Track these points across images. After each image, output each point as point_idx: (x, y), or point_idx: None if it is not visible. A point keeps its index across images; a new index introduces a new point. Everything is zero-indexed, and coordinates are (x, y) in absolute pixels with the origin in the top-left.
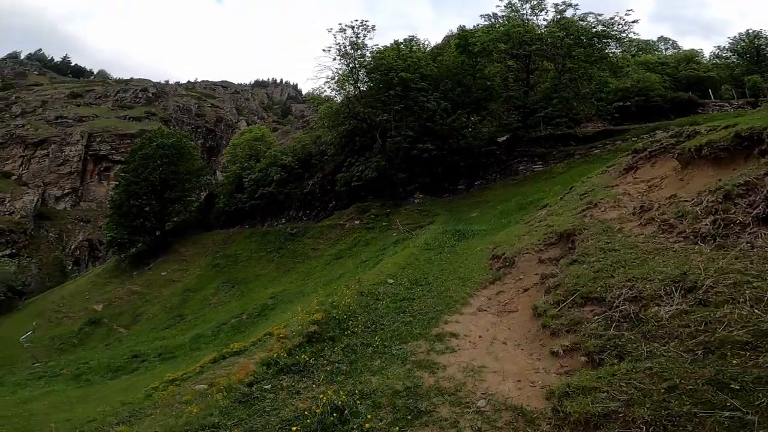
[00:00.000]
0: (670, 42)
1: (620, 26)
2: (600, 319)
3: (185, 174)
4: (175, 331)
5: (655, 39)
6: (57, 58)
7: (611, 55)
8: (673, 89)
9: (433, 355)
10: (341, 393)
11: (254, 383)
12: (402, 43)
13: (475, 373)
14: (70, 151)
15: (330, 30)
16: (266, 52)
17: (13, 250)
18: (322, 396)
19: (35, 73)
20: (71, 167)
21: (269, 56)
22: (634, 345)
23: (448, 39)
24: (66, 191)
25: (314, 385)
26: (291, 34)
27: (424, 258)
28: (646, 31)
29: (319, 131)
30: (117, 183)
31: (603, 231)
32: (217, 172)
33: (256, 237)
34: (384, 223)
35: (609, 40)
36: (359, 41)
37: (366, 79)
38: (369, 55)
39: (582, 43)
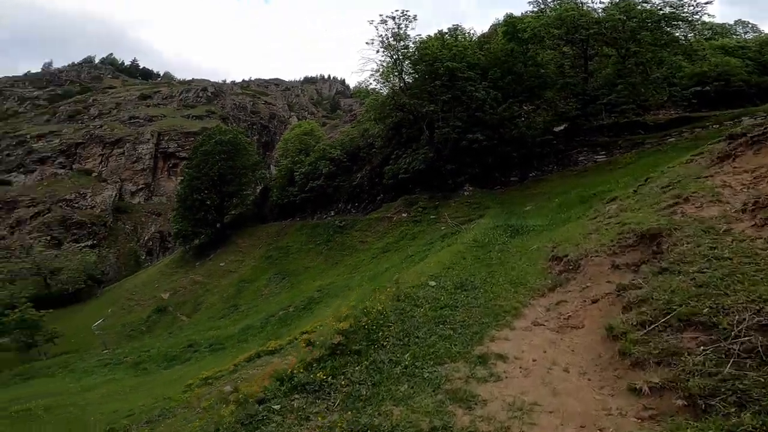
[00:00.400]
0: (750, 25)
1: (691, 8)
2: (710, 351)
3: (241, 168)
4: (228, 321)
5: (731, 23)
6: (127, 62)
7: (682, 38)
8: (757, 74)
9: (473, 383)
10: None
11: (264, 400)
12: (446, 33)
13: (525, 412)
14: (142, 149)
15: (371, 22)
16: (314, 48)
17: (94, 241)
18: (331, 429)
19: (109, 76)
20: (144, 164)
21: (317, 52)
22: (764, 391)
23: (494, 27)
24: (140, 186)
25: (327, 411)
26: (338, 28)
27: (472, 256)
28: (718, 14)
29: (366, 124)
30: (182, 178)
31: (703, 232)
32: (271, 166)
33: (306, 229)
34: (432, 216)
35: (679, 23)
36: (401, 32)
37: (411, 71)
38: (412, 45)
39: (648, 27)
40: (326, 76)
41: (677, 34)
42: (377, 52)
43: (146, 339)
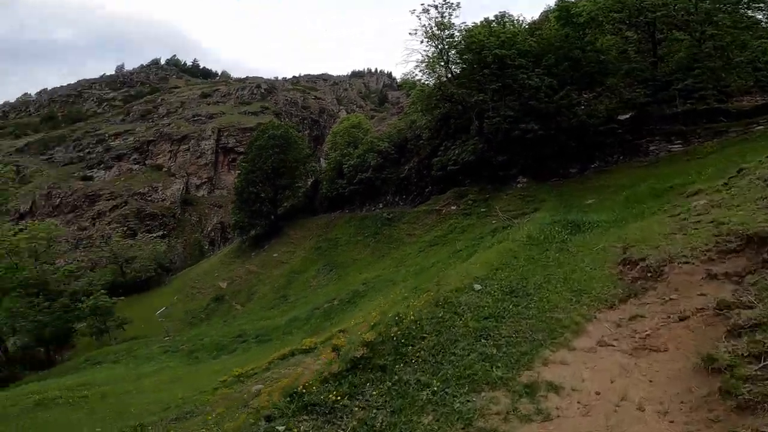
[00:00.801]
0: None
1: None
2: None
3: (293, 162)
4: (277, 312)
5: None
6: (189, 62)
7: (764, 22)
8: None
9: (514, 422)
10: None
11: (271, 418)
12: (493, 20)
13: None
14: (205, 144)
15: (413, 12)
16: (360, 42)
17: (165, 232)
18: None
19: (174, 76)
20: (206, 159)
21: (364, 46)
22: None
23: (546, 14)
24: (203, 180)
25: None
26: (383, 21)
27: (525, 256)
28: None
29: (413, 116)
30: (239, 172)
31: None
32: (321, 159)
33: (354, 222)
34: (482, 209)
35: (760, 4)
36: (445, 21)
37: (457, 60)
38: (457, 34)
39: (725, 9)
40: (373, 70)
41: (759, 17)
42: (421, 42)
43: (203, 327)
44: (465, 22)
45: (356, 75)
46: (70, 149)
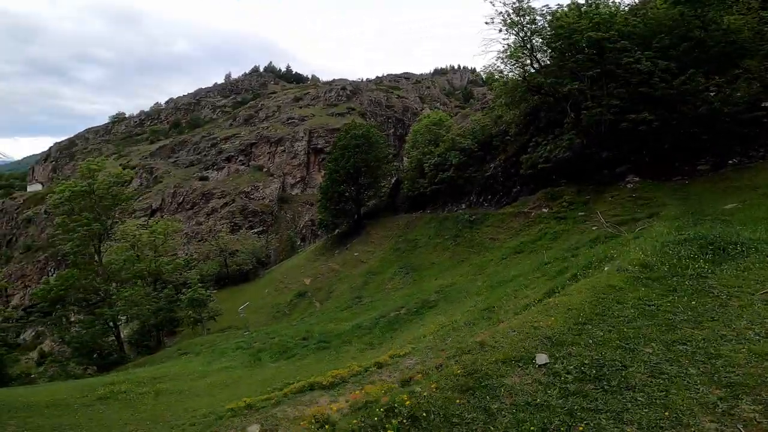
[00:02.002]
0: None
1: None
2: None
3: (375, 161)
4: (348, 314)
5: None
6: (282, 68)
7: None
8: None
9: None
10: None
11: None
12: (583, 2)
13: None
14: (298, 146)
15: None
16: (442, 40)
17: (263, 228)
18: None
19: (272, 82)
20: (299, 159)
21: (446, 44)
22: None
23: None
24: (297, 179)
25: None
26: (466, 16)
27: (635, 300)
28: None
29: (499, 110)
30: (324, 172)
31: None
32: (404, 158)
33: (435, 223)
34: (580, 213)
35: None
36: (523, 5)
37: (544, 48)
38: (540, 18)
39: None
40: (456, 67)
41: None
42: (499, 31)
43: (283, 322)
44: (547, 5)
45: (439, 72)
46: (191, 152)
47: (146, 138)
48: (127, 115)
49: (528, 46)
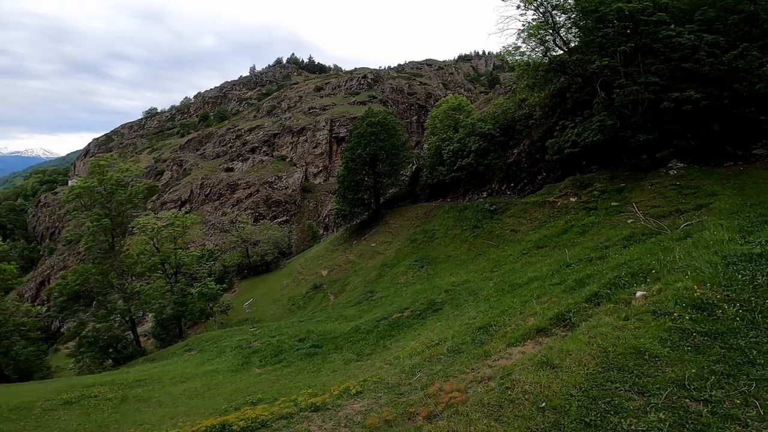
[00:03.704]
0: None
1: None
2: None
3: (392, 149)
4: (355, 311)
5: None
6: (305, 59)
7: None
8: None
9: None
10: None
11: None
12: None
13: None
14: (320, 135)
15: None
16: (465, 26)
17: (287, 217)
18: None
19: (294, 73)
20: (321, 149)
21: (469, 30)
22: None
23: None
24: (319, 169)
25: None
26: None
27: (674, 380)
28: None
29: (522, 93)
30: (342, 160)
31: None
32: (425, 145)
33: (454, 212)
34: (613, 203)
35: None
36: None
37: (567, 23)
38: None
39: None
40: (481, 53)
41: None
42: (517, 7)
43: (296, 316)
44: None
45: (463, 59)
46: (217, 144)
47: (177, 132)
48: (159, 110)
49: (549, 21)
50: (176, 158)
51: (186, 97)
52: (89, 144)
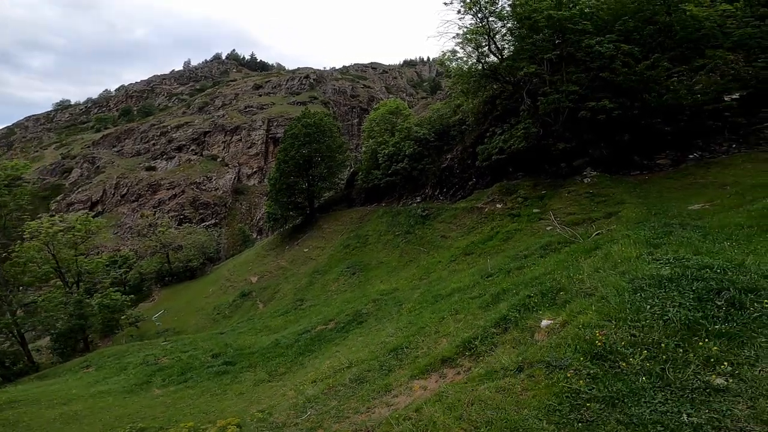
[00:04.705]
0: None
1: None
2: None
3: (327, 151)
4: (281, 321)
5: None
6: (246, 56)
7: None
8: None
9: None
10: None
11: None
12: None
13: None
14: (256, 135)
15: None
16: (412, 32)
17: (216, 221)
18: None
19: (234, 70)
20: (257, 149)
21: (415, 36)
22: None
23: None
24: (254, 170)
25: None
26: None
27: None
28: None
29: (458, 99)
30: (274, 162)
31: None
32: (362, 149)
33: (387, 217)
34: (535, 210)
35: None
36: None
37: (502, 30)
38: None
39: None
40: (425, 59)
41: None
42: (458, 12)
43: (221, 326)
44: None
45: (408, 64)
46: (138, 141)
47: (92, 126)
48: (72, 103)
49: (486, 27)
50: (88, 155)
51: (106, 90)
52: None
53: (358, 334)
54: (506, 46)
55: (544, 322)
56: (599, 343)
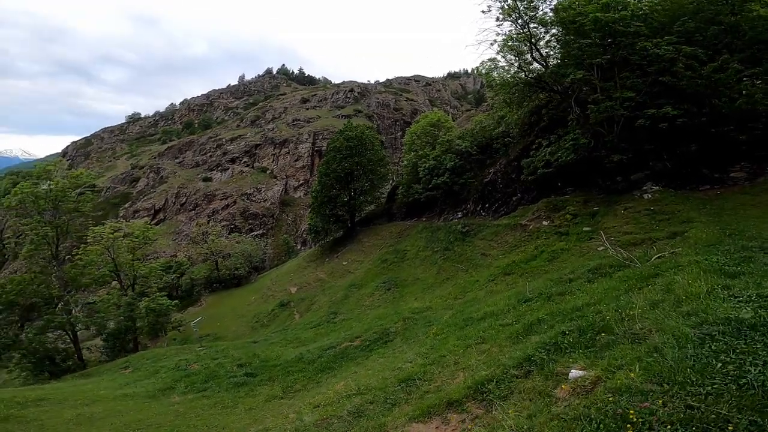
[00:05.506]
0: None
1: None
2: None
3: (369, 164)
4: (312, 334)
5: None
6: (295, 71)
7: None
8: None
9: None
10: None
11: None
12: None
13: None
14: (302, 148)
15: None
16: (455, 44)
17: (263, 231)
18: None
19: (284, 84)
20: (303, 162)
21: (458, 48)
22: None
23: None
24: (300, 182)
25: None
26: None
27: None
28: None
29: (501, 111)
30: (316, 175)
31: None
32: (403, 162)
33: (427, 232)
34: (585, 228)
35: None
36: None
37: (545, 35)
38: (539, 2)
39: None
40: (469, 71)
41: None
42: (497, 19)
43: (259, 334)
44: None
45: (452, 76)
46: (197, 153)
47: (158, 138)
48: (142, 116)
49: (527, 34)
50: (154, 165)
51: (171, 104)
52: (67, 147)
53: (380, 354)
54: (551, 53)
55: (573, 373)
56: (633, 418)
